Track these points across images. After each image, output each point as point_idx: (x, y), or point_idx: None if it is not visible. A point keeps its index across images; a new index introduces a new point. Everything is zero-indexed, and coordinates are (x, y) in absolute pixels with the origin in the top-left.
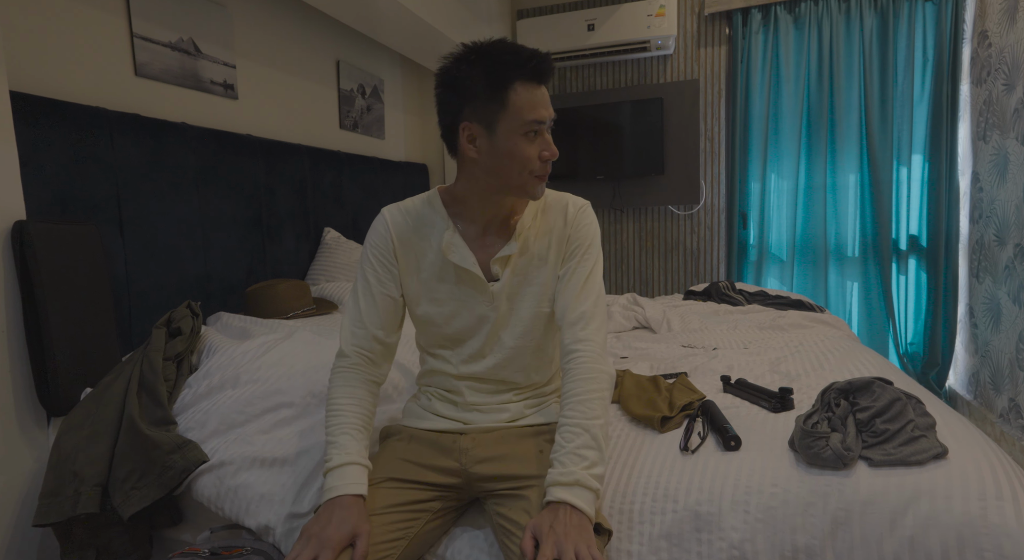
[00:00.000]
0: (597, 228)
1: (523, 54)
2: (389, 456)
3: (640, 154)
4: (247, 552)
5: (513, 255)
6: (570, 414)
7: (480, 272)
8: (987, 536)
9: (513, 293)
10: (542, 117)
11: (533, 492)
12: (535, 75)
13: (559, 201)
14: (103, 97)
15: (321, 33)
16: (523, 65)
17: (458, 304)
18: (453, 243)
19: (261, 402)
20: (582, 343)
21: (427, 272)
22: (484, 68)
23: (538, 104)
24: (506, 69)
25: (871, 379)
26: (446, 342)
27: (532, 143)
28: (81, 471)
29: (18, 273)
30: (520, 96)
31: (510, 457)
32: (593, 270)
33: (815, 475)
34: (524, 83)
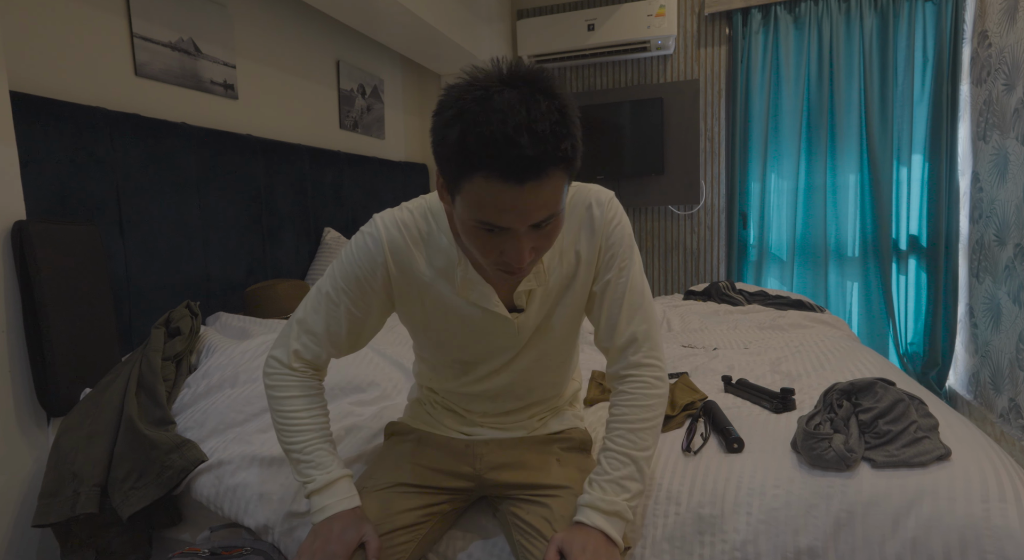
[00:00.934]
0: (627, 222)
1: (497, 140)
2: (397, 458)
3: (640, 154)
4: (247, 552)
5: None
6: (619, 441)
7: (503, 309)
8: (990, 538)
9: (540, 321)
10: (498, 223)
11: (555, 502)
12: (503, 173)
13: (581, 200)
14: (103, 97)
15: (321, 33)
16: (490, 156)
17: (475, 335)
18: (469, 279)
19: (260, 401)
20: (636, 369)
21: (435, 303)
22: (455, 135)
23: (496, 206)
24: (470, 153)
25: (874, 380)
26: (455, 363)
27: (490, 238)
28: (80, 471)
29: (18, 273)
30: (476, 189)
31: (527, 465)
32: (633, 276)
33: (818, 476)
34: (487, 178)
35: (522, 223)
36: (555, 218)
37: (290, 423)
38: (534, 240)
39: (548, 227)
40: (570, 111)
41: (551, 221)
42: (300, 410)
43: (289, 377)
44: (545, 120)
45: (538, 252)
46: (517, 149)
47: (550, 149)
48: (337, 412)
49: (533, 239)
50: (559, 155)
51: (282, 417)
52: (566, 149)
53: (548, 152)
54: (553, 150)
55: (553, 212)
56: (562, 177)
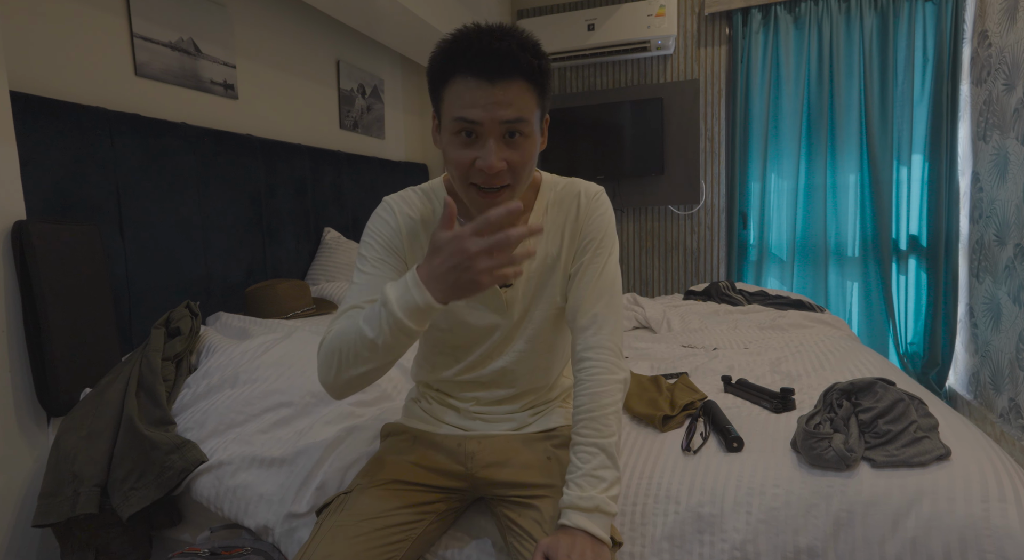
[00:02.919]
0: (611, 216)
1: (462, 43)
2: (393, 457)
3: (640, 154)
4: (247, 552)
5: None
6: (584, 432)
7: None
8: (989, 538)
9: (527, 298)
10: (471, 117)
11: (544, 503)
12: (474, 69)
13: (571, 191)
14: (103, 97)
15: (321, 33)
16: (459, 56)
17: (465, 312)
18: None
19: (260, 402)
20: (593, 351)
21: None
22: (440, 47)
23: (471, 102)
24: (445, 59)
25: (873, 380)
26: (448, 349)
27: (465, 147)
28: (80, 471)
29: (18, 273)
30: (453, 90)
31: (518, 463)
32: (607, 265)
33: (817, 476)
34: (463, 77)
35: (491, 117)
36: (525, 128)
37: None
38: (505, 151)
39: (519, 139)
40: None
41: (521, 129)
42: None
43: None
44: (514, 36)
45: (512, 171)
46: (488, 42)
47: (517, 51)
48: (338, 413)
49: (504, 150)
50: (527, 63)
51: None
52: (534, 64)
53: (516, 54)
54: (520, 54)
55: (520, 116)
56: (530, 90)
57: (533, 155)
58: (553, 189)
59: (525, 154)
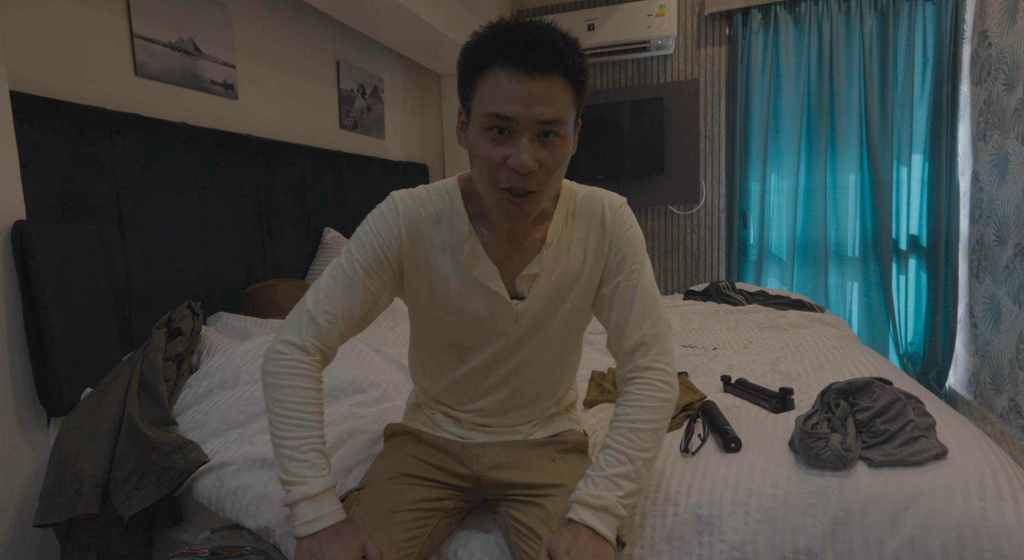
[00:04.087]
0: (639, 232)
1: (502, 33)
2: (400, 453)
3: (640, 154)
4: (247, 552)
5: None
6: (619, 439)
7: (505, 291)
8: (987, 536)
9: (540, 312)
10: (506, 112)
11: (550, 501)
12: (512, 61)
13: (591, 203)
14: (103, 97)
15: (321, 33)
16: (498, 45)
17: (474, 316)
18: (475, 255)
19: (261, 402)
20: (644, 372)
21: (440, 278)
22: (476, 38)
23: (507, 96)
24: (482, 49)
25: (870, 379)
26: (452, 348)
27: (497, 144)
28: (81, 472)
29: (18, 273)
30: (488, 83)
31: (524, 465)
32: (643, 280)
33: (815, 476)
34: (500, 69)
35: (527, 114)
36: (560, 130)
37: (293, 415)
38: (538, 151)
39: (553, 139)
40: (578, 43)
41: (556, 130)
42: (307, 403)
43: (301, 364)
44: (557, 31)
45: (544, 172)
46: (531, 34)
47: (559, 46)
48: (339, 414)
49: (537, 149)
50: (566, 59)
51: (284, 408)
52: (574, 60)
53: (556, 49)
54: (561, 50)
55: (557, 116)
56: (568, 89)
57: (566, 158)
58: (573, 198)
59: (558, 156)
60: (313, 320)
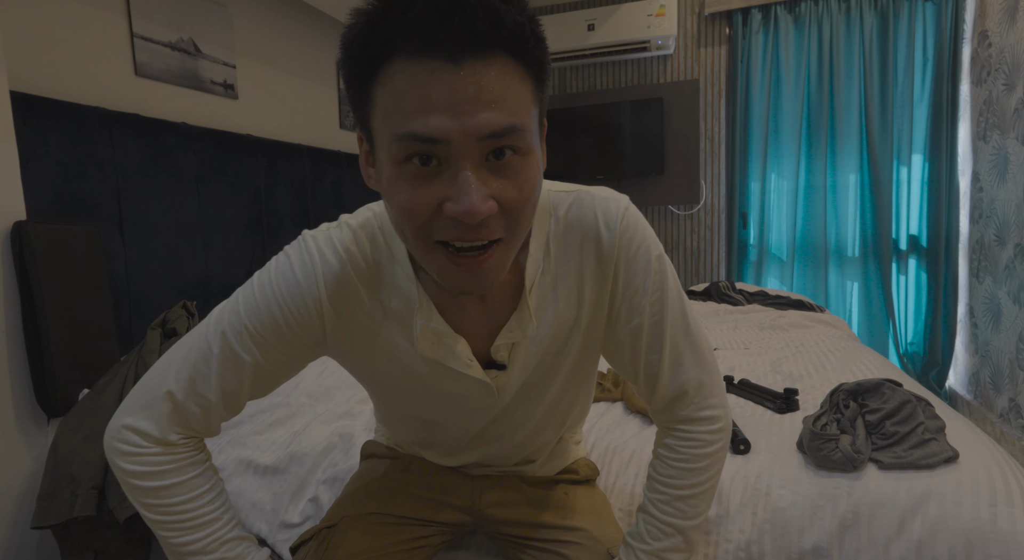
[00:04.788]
0: (650, 239)
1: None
2: (381, 485)
3: (640, 154)
4: None
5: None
6: (664, 509)
7: (478, 369)
8: (996, 542)
9: (528, 380)
10: (427, 131)
11: (574, 550)
12: (421, 44)
13: (580, 218)
14: (103, 97)
15: (321, 33)
16: (393, 23)
17: (441, 393)
18: (432, 330)
19: (255, 403)
20: (690, 424)
21: (386, 356)
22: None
23: (422, 104)
24: (368, 34)
25: (880, 380)
26: (418, 423)
27: (421, 183)
28: (78, 474)
29: (17, 273)
30: (388, 88)
31: (532, 501)
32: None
33: (824, 477)
34: (403, 60)
35: (463, 129)
36: (521, 142)
37: (181, 518)
38: (491, 183)
39: (512, 161)
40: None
41: (514, 143)
42: (192, 498)
43: (167, 458)
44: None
45: (506, 215)
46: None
47: (495, 13)
48: (333, 413)
49: (489, 181)
50: (509, 28)
51: (166, 511)
52: (522, 26)
53: (493, 17)
54: (500, 17)
55: (512, 122)
56: (520, 72)
57: (536, 184)
58: (555, 214)
59: (523, 182)
60: (179, 407)
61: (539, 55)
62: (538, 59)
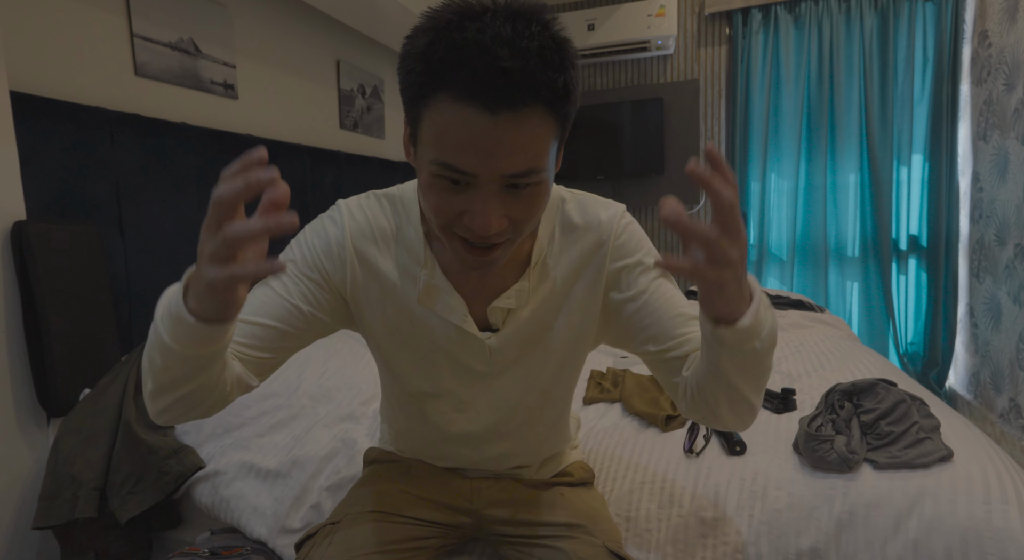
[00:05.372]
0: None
1: (470, 46)
2: (384, 485)
3: (640, 154)
4: (247, 552)
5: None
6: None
7: (474, 327)
8: (991, 540)
9: (520, 346)
10: (460, 165)
11: (571, 544)
12: (467, 90)
13: (585, 215)
14: (103, 97)
15: (321, 33)
16: (455, 68)
17: (439, 354)
18: (433, 286)
19: (257, 404)
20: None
21: (397, 310)
22: (423, 43)
23: (459, 142)
24: (435, 61)
25: (875, 381)
26: (417, 397)
27: (450, 194)
28: (79, 475)
29: (17, 273)
30: (433, 116)
31: (530, 501)
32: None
33: (819, 478)
34: (449, 98)
35: (490, 169)
36: (536, 179)
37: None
38: (507, 205)
39: (527, 190)
40: (569, 47)
41: (530, 181)
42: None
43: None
44: (534, 40)
45: (514, 226)
46: (492, 58)
47: (534, 70)
48: (336, 416)
49: (506, 203)
50: (546, 84)
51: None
52: (556, 82)
53: (532, 74)
54: (539, 74)
55: (532, 166)
56: (548, 120)
57: (544, 202)
58: (562, 208)
59: (533, 205)
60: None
61: (570, 107)
62: (568, 102)
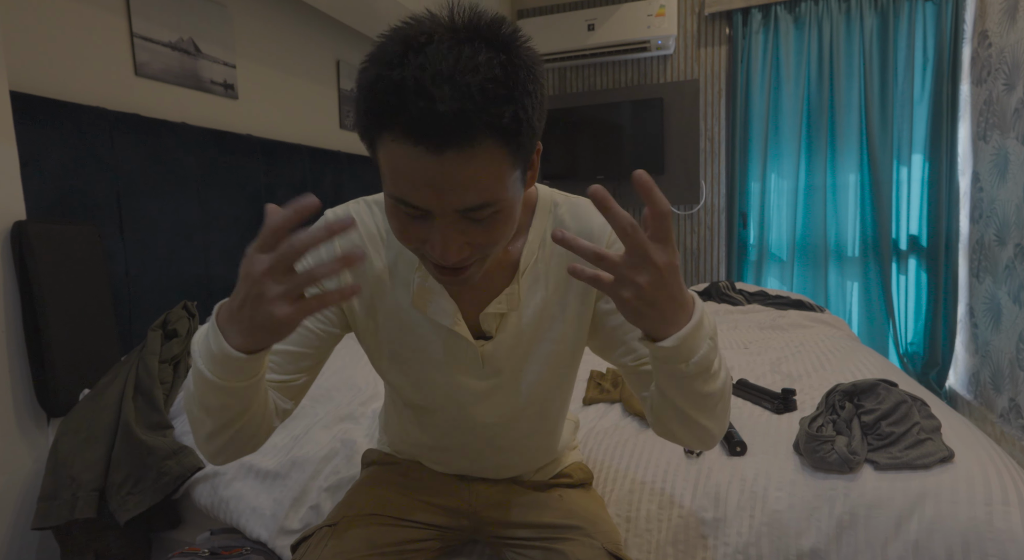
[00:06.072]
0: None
1: (408, 88)
2: (381, 488)
3: (640, 154)
4: (247, 552)
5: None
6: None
7: (466, 331)
8: (992, 541)
9: (513, 355)
10: (413, 201)
11: (569, 546)
12: (413, 133)
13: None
14: (103, 97)
15: (321, 33)
16: (396, 109)
17: (429, 362)
18: (428, 288)
19: None
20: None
21: (388, 315)
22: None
23: (410, 179)
24: (378, 103)
25: (876, 381)
26: (410, 408)
27: (411, 221)
28: (78, 476)
29: (17, 273)
30: (387, 154)
31: (528, 503)
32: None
33: (820, 479)
34: (393, 139)
35: (443, 206)
36: (496, 209)
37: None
38: (468, 233)
39: (488, 219)
40: (519, 71)
41: (485, 214)
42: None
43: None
44: (477, 74)
45: (479, 250)
46: (428, 102)
47: (475, 109)
48: (335, 416)
49: (466, 232)
50: (490, 120)
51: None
52: (502, 115)
53: (473, 113)
54: (480, 112)
55: (488, 199)
56: (500, 153)
57: (509, 225)
58: (554, 212)
59: (495, 232)
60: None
61: (522, 137)
62: (521, 140)
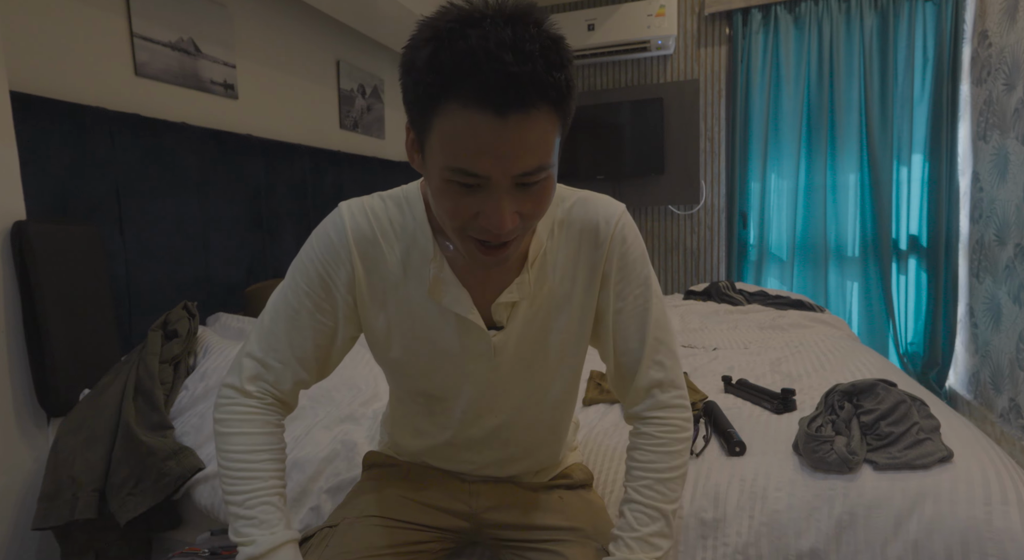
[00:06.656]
0: (641, 241)
1: (476, 54)
2: (379, 489)
3: (640, 154)
4: None
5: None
6: (647, 493)
7: (479, 319)
8: (991, 541)
9: (523, 344)
10: (474, 169)
11: (568, 548)
12: (477, 97)
13: (584, 211)
14: (103, 97)
15: (321, 33)
16: (467, 73)
17: (443, 353)
18: (442, 279)
19: None
20: (667, 410)
21: (399, 307)
22: (426, 55)
23: (473, 147)
24: (442, 72)
25: (875, 381)
26: (421, 398)
27: (463, 196)
28: (78, 476)
29: (17, 273)
30: (444, 124)
31: (528, 505)
32: (656, 307)
33: (819, 479)
34: (459, 106)
35: (504, 171)
36: (545, 175)
37: (235, 466)
38: (519, 202)
39: (536, 186)
40: (564, 45)
41: (540, 177)
42: (254, 450)
43: (243, 407)
44: (535, 42)
45: (524, 221)
46: (499, 64)
47: (539, 71)
48: (335, 417)
49: (517, 200)
50: (550, 83)
51: (227, 458)
52: (559, 80)
53: (537, 75)
54: (543, 75)
55: (542, 163)
56: (553, 120)
57: (551, 194)
58: (560, 205)
59: (543, 199)
60: (260, 364)
61: (571, 102)
62: (570, 106)
